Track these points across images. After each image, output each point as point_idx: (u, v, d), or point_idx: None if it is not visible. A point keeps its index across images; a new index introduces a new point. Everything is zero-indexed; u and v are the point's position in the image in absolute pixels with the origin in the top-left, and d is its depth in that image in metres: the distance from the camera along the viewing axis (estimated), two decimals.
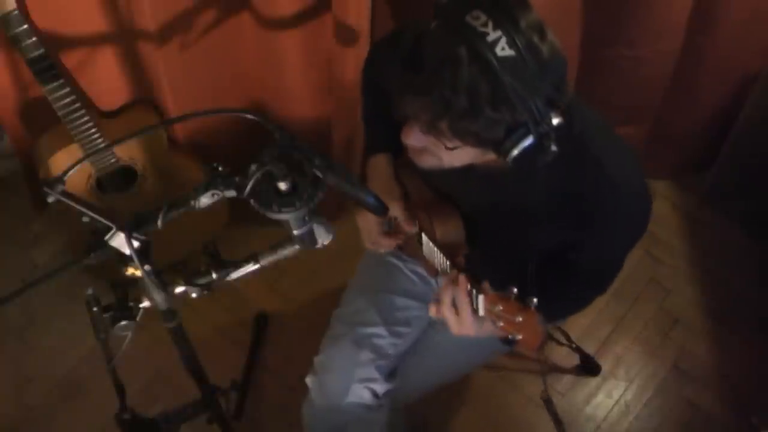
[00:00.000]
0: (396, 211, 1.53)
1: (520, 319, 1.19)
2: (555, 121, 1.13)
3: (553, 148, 1.14)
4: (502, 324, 1.22)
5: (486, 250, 1.52)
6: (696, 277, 2.40)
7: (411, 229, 1.54)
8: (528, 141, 1.13)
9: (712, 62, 2.14)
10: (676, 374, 2.23)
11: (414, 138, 1.23)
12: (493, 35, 1.07)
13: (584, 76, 2.12)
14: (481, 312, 1.25)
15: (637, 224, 1.37)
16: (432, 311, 1.33)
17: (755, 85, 2.17)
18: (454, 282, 1.30)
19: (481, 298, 1.24)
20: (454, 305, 1.29)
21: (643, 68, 2.12)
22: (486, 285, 1.27)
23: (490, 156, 1.21)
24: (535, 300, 1.20)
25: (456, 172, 1.29)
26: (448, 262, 1.43)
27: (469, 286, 1.28)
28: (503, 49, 1.07)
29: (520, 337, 1.21)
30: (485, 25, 1.07)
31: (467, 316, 1.28)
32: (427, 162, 1.29)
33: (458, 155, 1.21)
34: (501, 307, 1.21)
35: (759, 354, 2.25)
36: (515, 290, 1.22)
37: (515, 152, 1.14)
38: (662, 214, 2.49)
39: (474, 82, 1.08)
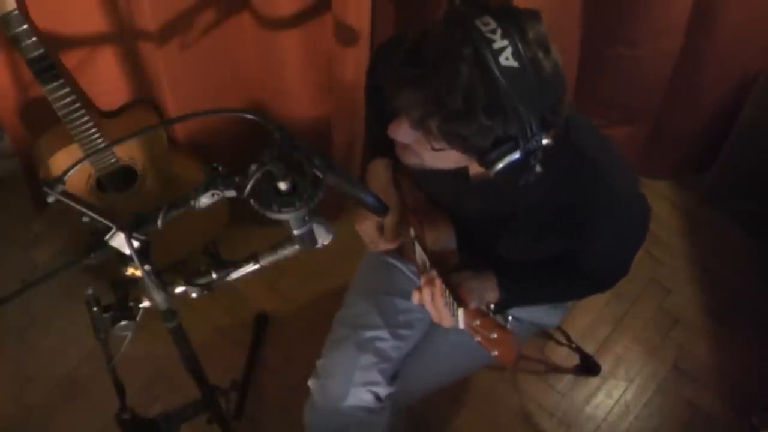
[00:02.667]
0: (387, 219, 1.53)
1: (495, 335, 1.21)
2: (545, 141, 1.12)
3: (538, 168, 1.13)
4: (478, 338, 1.24)
5: (480, 258, 1.52)
6: (696, 277, 2.40)
7: (391, 244, 1.55)
8: (514, 156, 1.12)
9: (712, 62, 2.14)
10: (676, 374, 2.23)
11: (402, 134, 1.21)
12: (499, 43, 1.06)
13: (584, 76, 2.12)
14: (461, 325, 1.26)
15: (636, 230, 1.38)
16: (415, 298, 1.36)
17: (755, 85, 2.17)
18: (431, 283, 1.31)
19: (460, 311, 1.25)
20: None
21: (643, 68, 2.12)
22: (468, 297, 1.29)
23: (474, 165, 1.20)
24: (510, 317, 1.21)
25: (452, 180, 1.29)
26: (434, 270, 1.44)
27: (451, 299, 1.29)
28: (507, 59, 1.06)
29: (495, 352, 1.23)
30: (494, 32, 1.06)
31: (445, 314, 1.32)
32: (409, 160, 1.28)
33: (442, 157, 1.20)
34: (478, 322, 1.23)
35: (759, 354, 2.25)
36: (492, 306, 1.24)
37: (500, 165, 1.12)
38: (662, 214, 2.49)
39: (472, 85, 1.07)
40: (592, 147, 1.30)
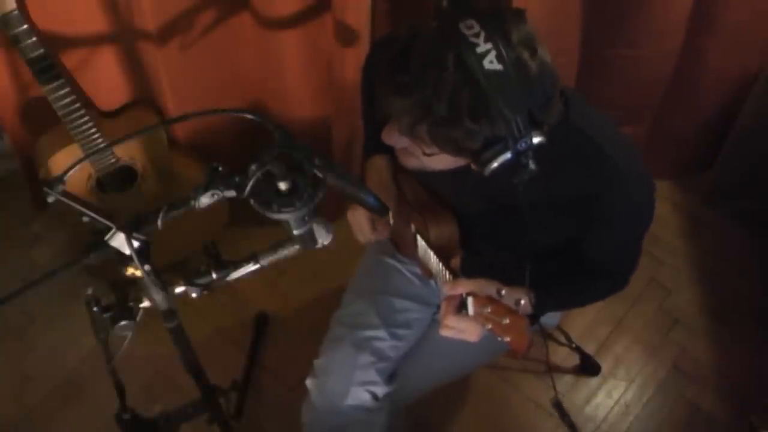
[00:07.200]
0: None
1: (508, 321, 1.20)
2: (536, 140, 1.12)
3: (532, 166, 1.14)
4: (490, 326, 1.24)
5: (485, 251, 1.51)
6: (696, 277, 2.40)
7: (384, 235, 1.56)
8: (506, 156, 1.12)
9: (712, 62, 2.14)
10: (676, 374, 2.23)
11: (394, 139, 1.23)
12: (483, 47, 1.07)
13: (584, 76, 2.12)
14: (471, 312, 1.26)
15: (645, 208, 1.37)
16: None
17: (755, 85, 2.17)
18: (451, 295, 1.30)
19: (470, 299, 1.25)
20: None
21: (643, 68, 2.12)
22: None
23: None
24: (522, 302, 1.21)
25: (453, 173, 1.29)
26: (442, 265, 1.43)
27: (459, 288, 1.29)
28: (491, 63, 1.07)
29: (508, 339, 1.22)
30: (477, 35, 1.07)
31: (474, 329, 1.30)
32: (410, 163, 1.30)
33: (437, 160, 1.22)
34: (489, 309, 1.22)
35: (759, 354, 2.25)
36: (503, 292, 1.23)
37: (493, 165, 1.13)
38: (663, 215, 2.49)
39: (457, 91, 1.08)
40: (592, 126, 1.31)
